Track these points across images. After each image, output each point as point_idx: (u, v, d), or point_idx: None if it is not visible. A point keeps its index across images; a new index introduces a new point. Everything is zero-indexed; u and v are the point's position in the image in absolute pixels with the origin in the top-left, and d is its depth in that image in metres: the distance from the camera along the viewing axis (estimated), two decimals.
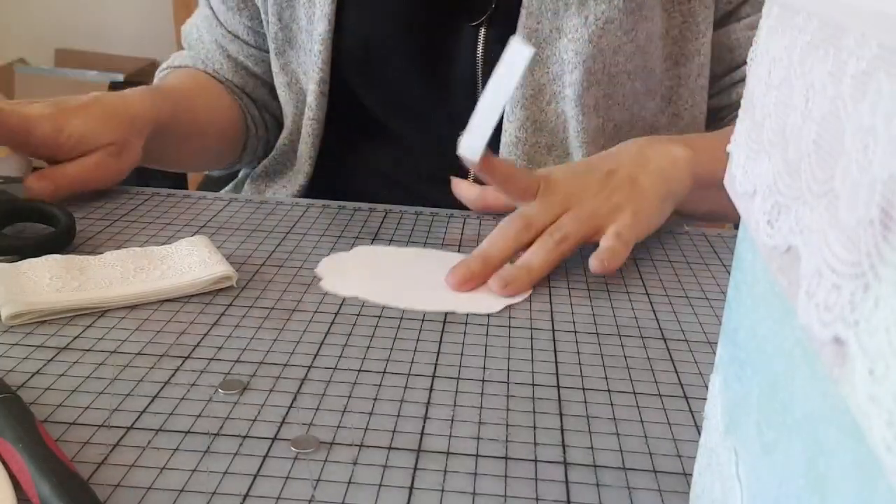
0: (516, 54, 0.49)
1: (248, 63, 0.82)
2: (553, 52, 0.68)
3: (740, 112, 0.27)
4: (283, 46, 0.76)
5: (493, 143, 0.71)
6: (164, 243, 0.55)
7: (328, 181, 0.79)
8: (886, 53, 0.16)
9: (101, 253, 0.52)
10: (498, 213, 0.62)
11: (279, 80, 0.78)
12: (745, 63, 0.75)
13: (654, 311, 0.51)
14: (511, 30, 0.68)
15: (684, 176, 0.60)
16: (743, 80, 0.76)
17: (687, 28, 0.72)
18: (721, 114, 0.79)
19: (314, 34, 0.72)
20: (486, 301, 0.51)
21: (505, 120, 0.70)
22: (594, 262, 0.53)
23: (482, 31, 0.70)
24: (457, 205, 0.68)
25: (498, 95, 0.51)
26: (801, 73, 0.21)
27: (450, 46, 0.72)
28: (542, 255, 0.54)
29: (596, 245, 0.55)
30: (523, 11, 0.68)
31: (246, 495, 0.33)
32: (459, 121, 0.75)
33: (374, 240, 0.60)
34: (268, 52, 0.79)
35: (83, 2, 2.57)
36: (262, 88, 0.84)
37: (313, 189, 0.79)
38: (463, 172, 0.74)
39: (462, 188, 0.63)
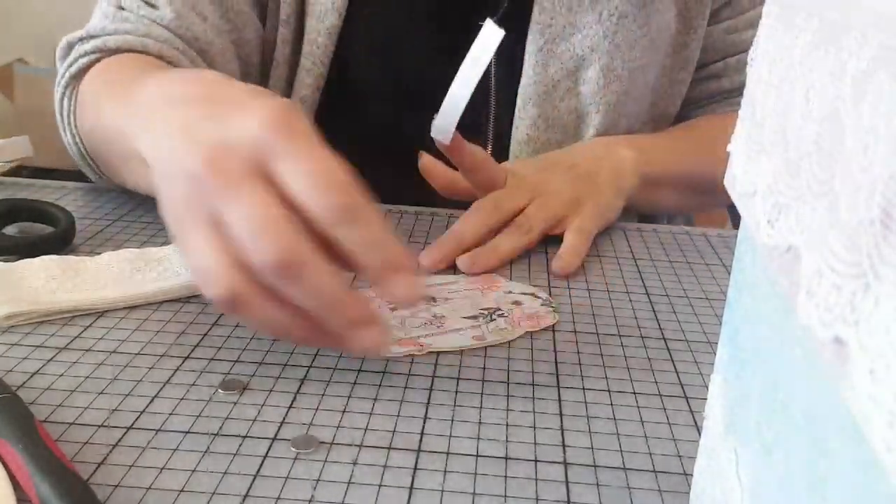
0: (489, 36, 0.51)
1: (239, 22, 0.69)
2: (567, 47, 0.68)
3: (740, 112, 0.27)
4: (291, 33, 0.71)
5: (505, 141, 0.71)
6: (163, 243, 0.55)
7: None
8: (887, 53, 0.16)
9: (99, 253, 0.52)
10: (463, 201, 0.61)
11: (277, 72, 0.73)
12: (712, 62, 0.77)
13: (654, 311, 0.51)
14: (523, 26, 0.68)
15: (632, 174, 0.65)
16: (708, 78, 0.78)
17: (680, 21, 0.72)
18: (682, 110, 0.80)
19: (321, 27, 0.69)
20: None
21: (516, 117, 0.70)
22: (556, 266, 0.56)
23: None
24: (457, 205, 0.68)
25: (469, 77, 0.53)
26: (801, 73, 0.21)
27: (462, 44, 0.71)
28: (510, 243, 0.57)
29: (559, 238, 0.58)
30: (536, 7, 0.67)
31: (246, 495, 0.33)
32: (467, 121, 0.74)
33: None
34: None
35: (83, 1, 2.57)
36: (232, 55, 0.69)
37: None
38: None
39: (435, 171, 0.60)
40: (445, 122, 0.54)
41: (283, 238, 0.34)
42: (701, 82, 0.78)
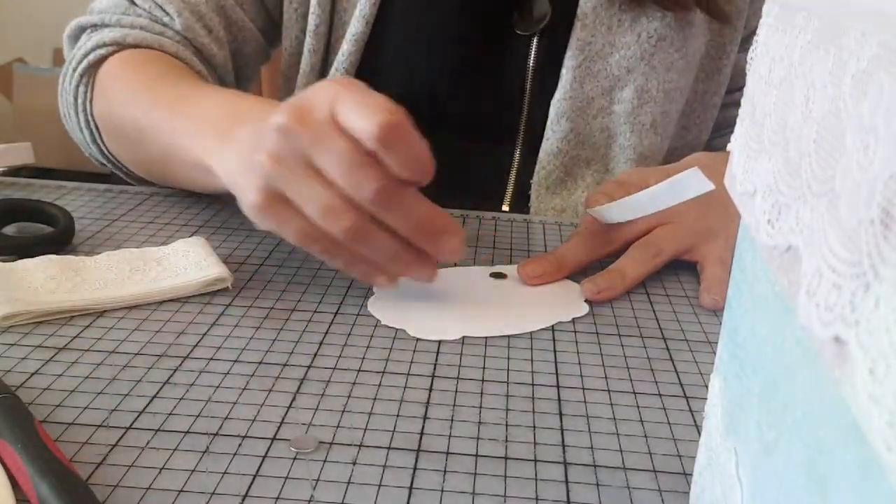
0: (694, 184, 0.49)
1: (244, 30, 0.71)
2: (604, 66, 0.69)
3: (740, 111, 0.27)
4: (318, 42, 0.71)
5: (533, 152, 0.71)
6: (163, 243, 0.55)
7: None
8: (887, 53, 0.16)
9: (98, 253, 0.52)
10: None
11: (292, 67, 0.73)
12: (738, 89, 0.78)
13: (654, 311, 0.51)
14: (563, 41, 0.68)
15: None
16: (733, 104, 0.79)
17: (714, 47, 0.73)
18: (712, 133, 0.81)
19: (347, 33, 0.69)
20: (536, 318, 0.49)
21: (548, 129, 0.70)
22: (708, 299, 0.52)
23: (534, 41, 0.70)
24: (457, 206, 0.68)
25: (656, 200, 0.51)
26: (801, 73, 0.21)
27: (498, 56, 0.71)
28: (637, 267, 0.54)
29: (684, 262, 0.56)
30: (577, 24, 0.68)
31: (245, 496, 0.33)
32: (500, 128, 0.74)
33: None
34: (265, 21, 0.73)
35: (81, 1, 2.56)
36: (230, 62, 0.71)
37: None
38: (474, 184, 0.73)
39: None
40: (611, 216, 0.53)
41: (372, 174, 0.42)
42: (725, 108, 0.79)
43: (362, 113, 0.41)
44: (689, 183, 0.49)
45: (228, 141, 0.48)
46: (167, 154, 0.57)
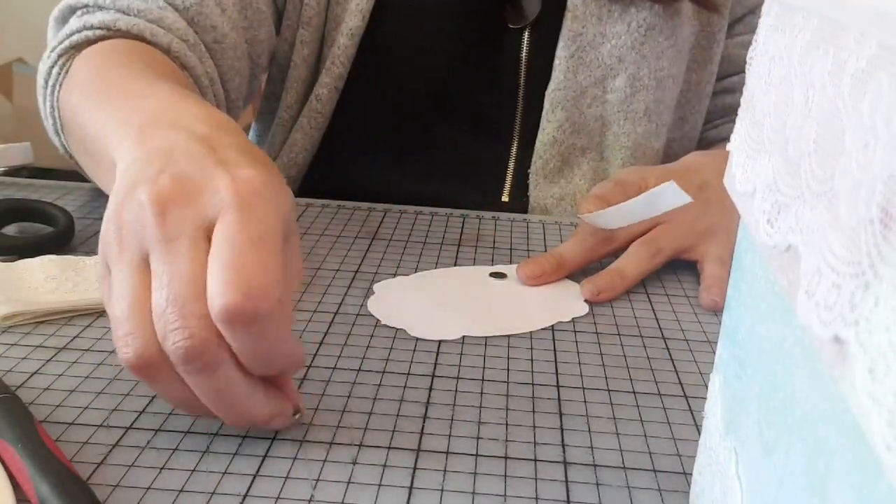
0: (670, 197, 0.51)
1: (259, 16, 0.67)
2: (596, 56, 0.69)
3: (740, 111, 0.27)
4: (312, 34, 0.70)
5: (530, 142, 0.71)
6: None
7: (320, 180, 0.77)
8: (886, 52, 0.16)
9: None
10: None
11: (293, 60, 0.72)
12: (726, 76, 0.79)
13: (654, 310, 0.51)
14: (554, 33, 0.69)
15: None
16: (723, 91, 0.80)
17: (704, 36, 0.74)
18: (704, 125, 0.82)
19: (343, 28, 0.69)
20: (532, 319, 0.49)
21: (543, 119, 0.71)
22: (707, 299, 0.52)
23: (526, 34, 0.71)
24: (457, 206, 0.68)
25: (634, 212, 0.53)
26: (800, 73, 0.21)
27: (492, 50, 0.72)
28: (637, 266, 0.54)
29: (684, 262, 0.56)
30: (568, 15, 0.68)
31: (245, 495, 0.33)
32: (495, 119, 0.75)
33: (373, 239, 0.60)
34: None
35: None
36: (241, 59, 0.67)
37: (306, 182, 0.77)
38: (471, 177, 0.74)
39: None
40: (602, 221, 0.54)
41: (196, 322, 0.31)
42: (716, 96, 0.79)
43: (226, 269, 0.31)
44: (665, 196, 0.51)
45: (144, 140, 0.38)
46: (98, 153, 0.47)
